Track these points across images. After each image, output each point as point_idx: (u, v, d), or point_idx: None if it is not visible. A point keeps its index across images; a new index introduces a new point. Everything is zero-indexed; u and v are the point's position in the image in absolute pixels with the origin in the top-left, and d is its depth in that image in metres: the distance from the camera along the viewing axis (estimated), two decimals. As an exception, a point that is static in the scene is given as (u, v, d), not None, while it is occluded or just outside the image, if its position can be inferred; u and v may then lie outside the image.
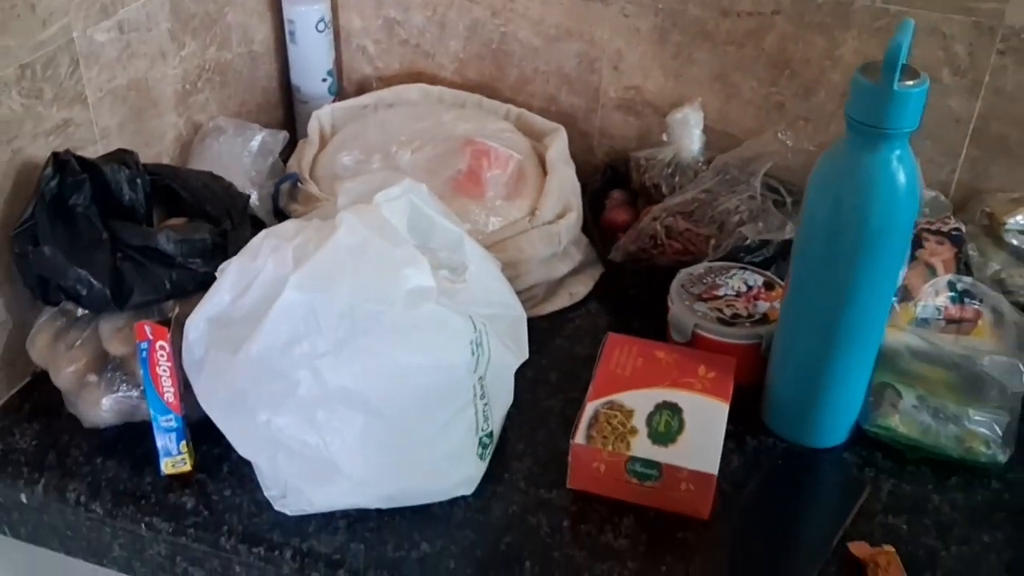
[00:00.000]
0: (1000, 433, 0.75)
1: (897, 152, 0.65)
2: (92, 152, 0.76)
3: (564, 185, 0.92)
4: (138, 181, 0.76)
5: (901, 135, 0.65)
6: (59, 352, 0.73)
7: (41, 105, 0.75)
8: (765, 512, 0.71)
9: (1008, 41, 0.89)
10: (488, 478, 0.72)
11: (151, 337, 0.68)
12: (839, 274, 0.70)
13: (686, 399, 0.73)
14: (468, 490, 0.70)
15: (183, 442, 0.71)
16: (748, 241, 0.85)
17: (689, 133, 0.97)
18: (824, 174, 0.69)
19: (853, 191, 0.67)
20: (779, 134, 0.91)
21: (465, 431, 0.68)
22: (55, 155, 0.72)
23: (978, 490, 0.74)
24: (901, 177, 0.66)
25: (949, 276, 0.86)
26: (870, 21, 0.92)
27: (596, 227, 0.97)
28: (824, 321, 0.72)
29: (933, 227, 0.90)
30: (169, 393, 0.69)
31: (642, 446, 0.69)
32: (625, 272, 0.92)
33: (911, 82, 0.63)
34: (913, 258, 0.86)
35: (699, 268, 0.85)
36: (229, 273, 0.67)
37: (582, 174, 0.98)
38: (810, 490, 0.75)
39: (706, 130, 0.99)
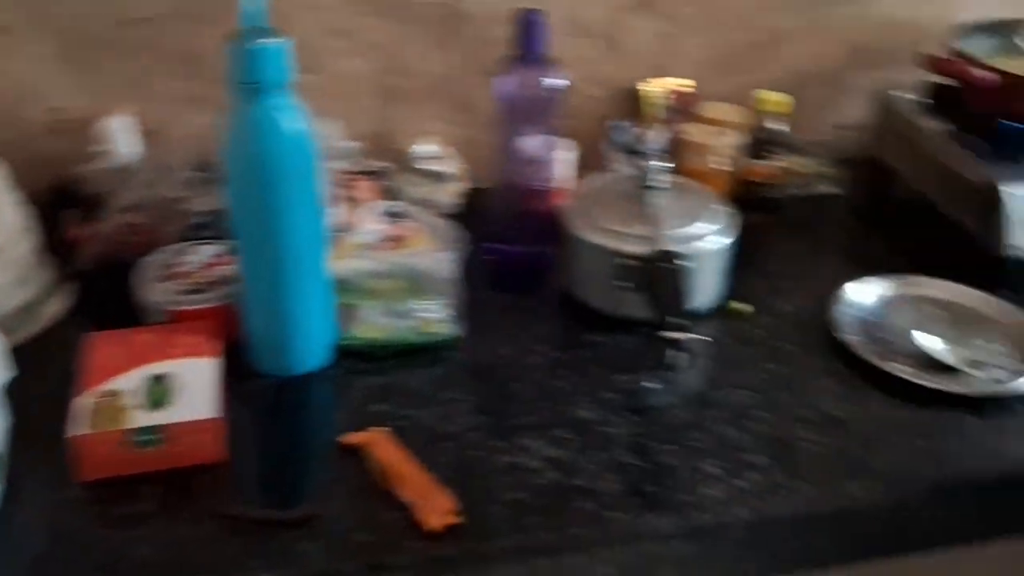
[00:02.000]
0: (448, 314, 0.91)
1: (275, 102, 0.75)
2: None
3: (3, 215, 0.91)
4: None
5: (272, 87, 0.74)
6: None
7: None
8: (274, 439, 0.80)
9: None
10: (8, 498, 0.72)
11: None
12: (266, 220, 0.79)
13: (173, 366, 0.79)
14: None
15: None
16: (194, 219, 0.93)
17: (122, 140, 1.02)
18: (224, 137, 0.77)
19: (248, 144, 0.76)
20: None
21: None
22: None
23: (444, 362, 0.89)
24: (283, 124, 0.75)
25: (379, 204, 1.01)
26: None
27: (61, 248, 0.98)
28: (270, 264, 0.81)
29: (356, 170, 1.05)
30: None
31: (139, 417, 0.74)
32: (99, 279, 0.94)
33: (267, 41, 0.73)
34: (344, 197, 0.99)
35: (159, 255, 0.91)
36: None
37: (34, 202, 0.96)
38: (310, 407, 0.85)
39: (142, 133, 1.04)
